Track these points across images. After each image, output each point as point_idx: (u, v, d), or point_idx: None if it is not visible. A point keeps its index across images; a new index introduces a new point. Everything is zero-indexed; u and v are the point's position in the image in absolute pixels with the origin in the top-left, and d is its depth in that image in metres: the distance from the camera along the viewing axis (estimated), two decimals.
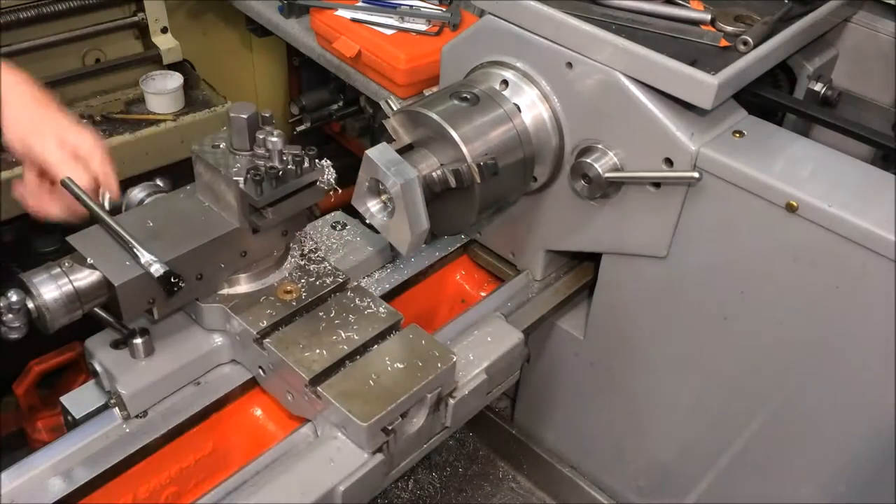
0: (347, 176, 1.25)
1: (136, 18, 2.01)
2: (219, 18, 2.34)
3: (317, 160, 1.19)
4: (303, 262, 1.32)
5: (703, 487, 1.55)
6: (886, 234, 1.08)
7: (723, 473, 1.50)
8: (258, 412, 1.30)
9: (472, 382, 1.27)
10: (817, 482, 1.36)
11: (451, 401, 1.24)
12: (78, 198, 1.13)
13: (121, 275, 1.10)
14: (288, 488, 1.10)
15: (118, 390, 1.17)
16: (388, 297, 1.44)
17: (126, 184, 1.27)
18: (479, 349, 1.32)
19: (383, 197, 1.24)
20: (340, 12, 1.87)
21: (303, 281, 1.28)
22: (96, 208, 1.14)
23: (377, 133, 2.33)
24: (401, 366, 1.16)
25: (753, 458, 1.43)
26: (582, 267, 1.62)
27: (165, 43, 2.04)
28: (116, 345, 1.22)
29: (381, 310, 1.25)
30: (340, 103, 2.33)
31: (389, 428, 1.15)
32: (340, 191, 1.24)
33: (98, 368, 1.21)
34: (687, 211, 1.27)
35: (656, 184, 1.27)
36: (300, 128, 2.31)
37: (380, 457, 1.15)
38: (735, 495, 1.50)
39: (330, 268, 1.31)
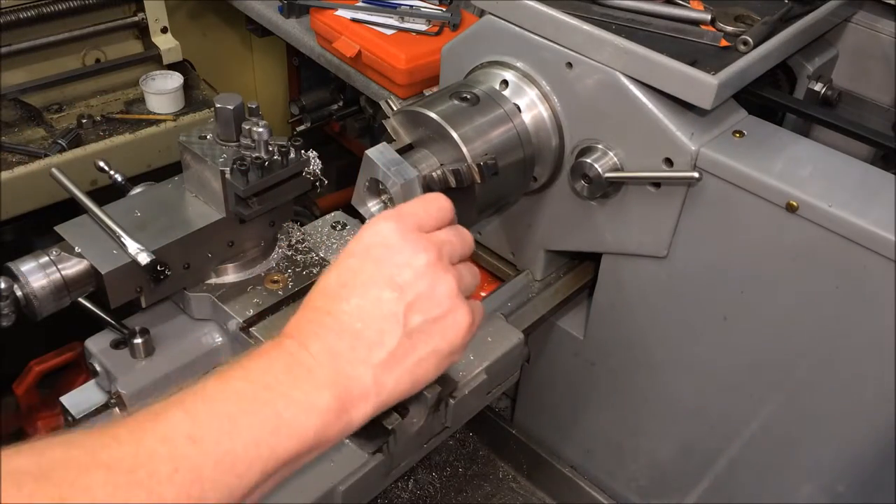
0: (347, 176, 1.25)
1: (136, 18, 2.01)
2: (219, 18, 2.34)
3: (303, 151, 1.20)
4: (290, 253, 1.33)
5: (704, 487, 1.55)
6: (886, 234, 1.08)
7: (723, 473, 1.50)
8: None
9: (472, 382, 1.27)
10: (817, 482, 1.36)
11: (451, 401, 1.24)
12: (66, 188, 1.15)
13: (108, 263, 1.11)
14: (288, 488, 1.10)
15: (118, 390, 1.17)
16: None
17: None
18: (479, 349, 1.32)
19: (383, 197, 1.24)
20: (340, 12, 1.87)
21: (290, 271, 1.29)
22: (84, 199, 1.15)
23: (377, 133, 2.33)
24: None
25: (753, 458, 1.43)
26: (582, 267, 1.61)
27: (165, 43, 2.04)
28: (116, 345, 1.22)
29: None
30: (340, 103, 2.33)
31: (389, 428, 1.15)
32: (326, 181, 1.25)
33: (98, 368, 1.21)
34: (687, 211, 1.27)
35: (656, 184, 1.27)
36: (300, 128, 2.31)
37: (380, 457, 1.15)
38: (735, 495, 1.50)
39: (317, 258, 1.32)
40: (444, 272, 0.82)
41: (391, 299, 0.79)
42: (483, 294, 1.57)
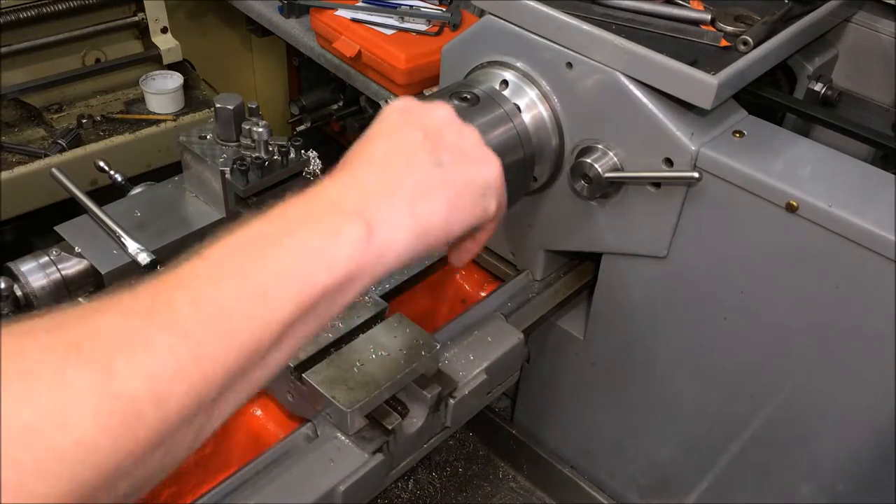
0: None
1: (136, 18, 2.01)
2: (219, 18, 2.34)
3: (303, 151, 1.20)
4: None
5: (704, 487, 1.55)
6: (886, 234, 1.08)
7: (723, 473, 1.50)
8: (258, 412, 1.30)
9: (472, 382, 1.27)
10: (817, 482, 1.36)
11: (451, 401, 1.24)
12: (66, 188, 1.15)
13: (108, 263, 1.11)
14: (288, 488, 1.10)
15: None
16: (389, 296, 1.44)
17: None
18: (479, 349, 1.32)
19: None
20: (340, 12, 1.87)
21: None
22: (84, 198, 1.15)
23: None
24: (385, 353, 1.17)
25: (753, 458, 1.43)
26: (582, 267, 1.61)
27: (165, 43, 2.04)
28: None
29: (367, 299, 1.26)
30: (340, 103, 2.33)
31: (389, 428, 1.15)
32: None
33: None
34: (687, 211, 1.27)
35: (656, 184, 1.27)
36: (300, 128, 2.31)
37: (380, 457, 1.15)
38: (735, 495, 1.50)
39: None
40: (466, 125, 0.80)
41: (420, 138, 0.76)
42: (483, 294, 1.57)
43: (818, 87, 1.49)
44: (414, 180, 0.73)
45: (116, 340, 0.54)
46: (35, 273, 1.09)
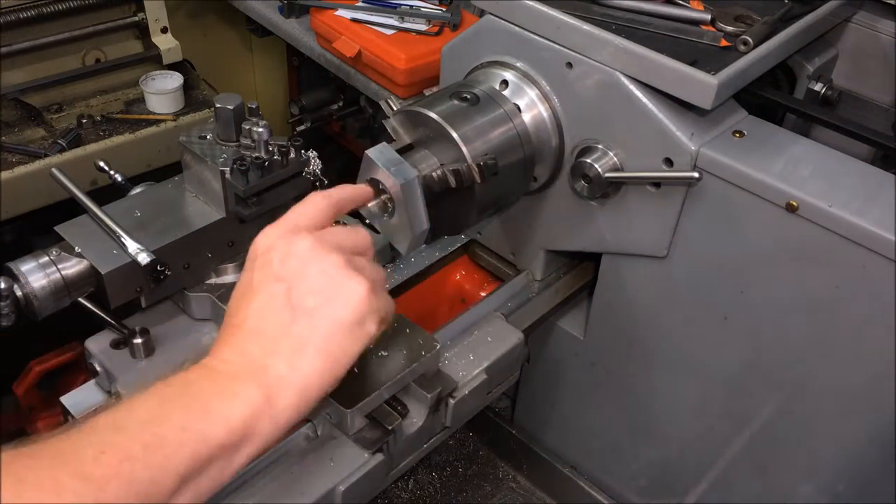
0: (347, 176, 1.25)
1: (136, 18, 2.01)
2: (219, 18, 2.34)
3: (303, 151, 1.20)
4: None
5: (704, 487, 1.55)
6: (886, 234, 1.08)
7: (723, 473, 1.50)
8: None
9: (472, 382, 1.27)
10: (817, 482, 1.36)
11: (451, 401, 1.24)
12: (66, 188, 1.15)
13: (108, 263, 1.11)
14: (288, 488, 1.10)
15: (118, 390, 1.18)
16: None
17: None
18: (479, 349, 1.32)
19: (383, 197, 1.24)
20: (340, 12, 1.87)
21: None
22: (84, 199, 1.15)
23: (377, 133, 2.33)
24: (385, 353, 1.17)
25: (753, 458, 1.43)
26: (582, 267, 1.62)
27: (165, 43, 2.04)
28: (116, 345, 1.22)
29: None
30: (340, 103, 2.32)
31: (389, 428, 1.15)
32: (327, 181, 1.25)
33: (98, 368, 1.21)
34: (687, 211, 1.27)
35: (656, 184, 1.27)
36: (300, 128, 2.31)
37: (380, 457, 1.15)
38: (735, 495, 1.50)
39: None
40: (326, 252, 0.86)
41: (280, 291, 0.84)
42: (483, 294, 1.57)
43: (818, 87, 1.49)
44: (287, 341, 0.81)
45: (34, 483, 0.61)
46: (35, 273, 1.09)
